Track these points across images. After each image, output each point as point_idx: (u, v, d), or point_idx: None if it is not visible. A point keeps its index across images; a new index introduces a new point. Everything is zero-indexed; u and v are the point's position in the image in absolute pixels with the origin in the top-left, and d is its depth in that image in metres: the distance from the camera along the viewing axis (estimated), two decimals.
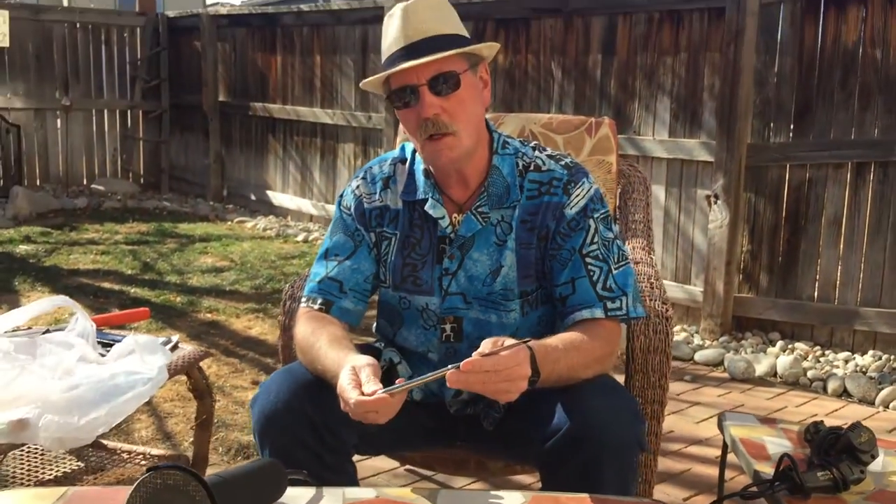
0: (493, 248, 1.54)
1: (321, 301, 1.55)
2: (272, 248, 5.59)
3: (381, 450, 1.72)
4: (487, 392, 1.25)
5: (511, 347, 1.24)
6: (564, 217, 1.52)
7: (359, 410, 1.24)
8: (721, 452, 1.93)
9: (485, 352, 1.23)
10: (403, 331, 1.62)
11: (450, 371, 1.21)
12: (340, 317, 1.55)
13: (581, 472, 1.32)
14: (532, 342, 1.32)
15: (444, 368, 1.23)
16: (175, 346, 1.90)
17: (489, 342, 1.25)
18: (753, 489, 1.64)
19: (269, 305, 4.17)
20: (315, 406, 1.39)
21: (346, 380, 1.28)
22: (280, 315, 1.84)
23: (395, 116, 5.53)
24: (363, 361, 1.31)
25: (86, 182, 7.60)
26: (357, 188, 1.62)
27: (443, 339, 1.58)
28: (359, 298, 1.58)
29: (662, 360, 1.68)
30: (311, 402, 1.40)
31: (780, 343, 3.72)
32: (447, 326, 1.57)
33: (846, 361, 3.50)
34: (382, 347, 1.66)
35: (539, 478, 1.46)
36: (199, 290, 4.48)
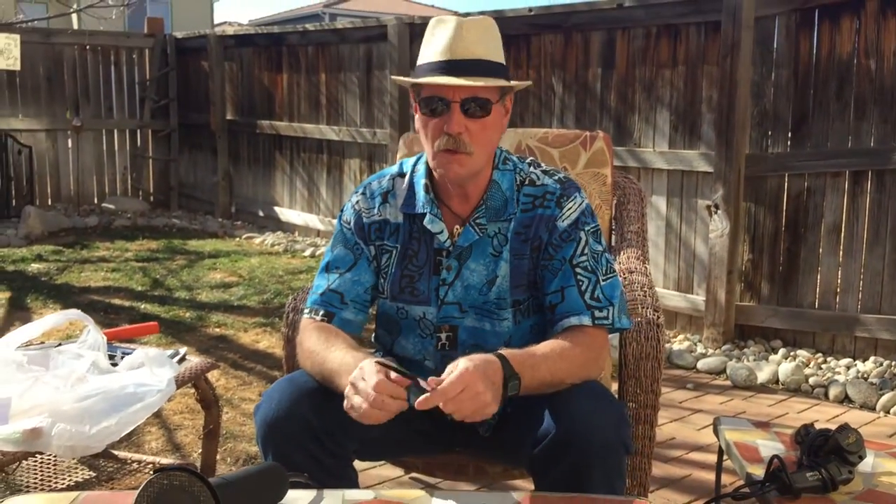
0: (490, 259, 1.59)
1: (323, 312, 1.60)
2: (280, 264, 5.66)
3: (381, 456, 1.77)
4: (457, 416, 1.29)
5: (457, 372, 1.29)
6: (557, 229, 1.57)
7: (382, 389, 1.28)
8: (717, 456, 1.97)
9: (431, 385, 1.28)
10: (401, 339, 1.68)
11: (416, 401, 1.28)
12: (343, 327, 1.60)
13: (569, 474, 1.36)
14: (504, 351, 1.39)
15: (420, 391, 1.29)
16: (183, 359, 1.96)
17: (448, 369, 1.31)
18: (745, 490, 1.68)
19: (277, 320, 4.23)
20: (317, 413, 1.44)
21: (369, 367, 1.32)
22: (283, 327, 1.90)
23: (400, 132, 5.53)
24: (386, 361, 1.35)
25: (96, 201, 7.71)
26: (356, 203, 1.68)
27: (438, 348, 1.63)
28: (359, 309, 1.63)
29: (654, 366, 1.72)
30: (313, 409, 1.44)
31: (782, 350, 3.76)
32: (443, 335, 1.62)
33: (847, 368, 3.53)
34: (381, 356, 1.71)
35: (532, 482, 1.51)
36: (208, 305, 4.54)
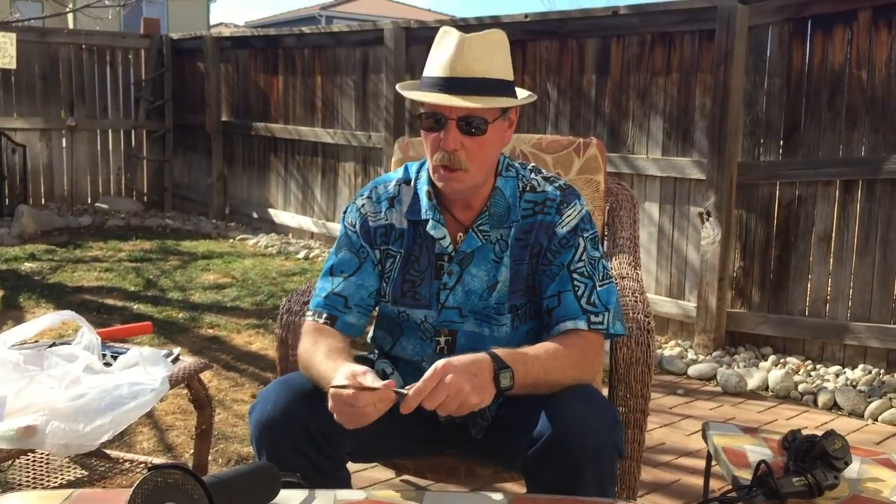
0: (491, 265, 1.61)
1: (326, 315, 1.61)
2: (273, 266, 5.66)
3: (375, 457, 1.78)
4: (442, 412, 1.31)
5: (430, 371, 1.30)
6: (556, 235, 1.59)
7: (361, 403, 1.29)
8: (706, 461, 1.99)
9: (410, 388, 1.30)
10: (402, 340, 1.69)
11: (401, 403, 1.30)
12: (344, 331, 1.61)
13: (561, 477, 1.38)
14: (496, 349, 1.41)
15: (402, 390, 1.31)
16: (177, 359, 1.97)
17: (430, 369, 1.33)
18: (732, 494, 1.70)
19: (270, 321, 4.24)
20: (311, 414, 1.45)
21: (342, 378, 1.33)
22: (277, 329, 1.91)
23: (395, 136, 5.57)
24: (361, 369, 1.36)
25: (90, 200, 7.70)
26: (362, 206, 1.68)
27: (437, 351, 1.64)
28: (362, 313, 1.64)
29: (644, 371, 1.74)
30: (308, 411, 1.45)
31: (772, 357, 3.78)
32: (441, 339, 1.64)
33: (837, 375, 3.56)
34: (375, 359, 1.73)
35: (524, 484, 1.52)
36: (201, 307, 4.55)
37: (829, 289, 3.72)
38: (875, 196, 3.54)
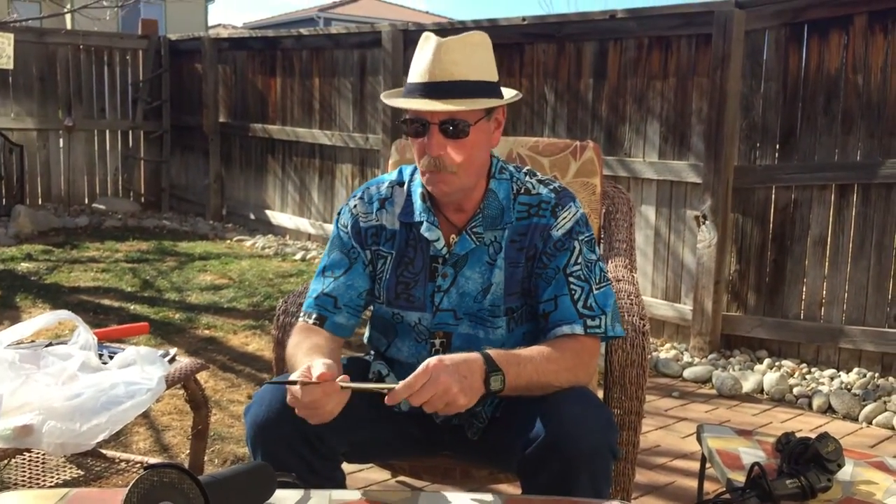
0: (485, 267, 1.61)
1: (315, 316, 1.62)
2: (270, 267, 5.66)
3: (370, 458, 1.79)
4: (427, 409, 1.31)
5: (421, 368, 1.31)
6: (551, 238, 1.59)
7: (305, 399, 1.29)
8: (700, 463, 2.00)
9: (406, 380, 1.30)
10: (397, 341, 1.69)
11: (386, 394, 1.31)
12: (334, 331, 1.61)
13: (556, 478, 1.38)
14: (489, 350, 1.42)
15: (385, 385, 1.33)
16: (173, 359, 1.98)
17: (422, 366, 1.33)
18: (726, 496, 1.71)
19: (267, 322, 4.24)
20: None
21: (297, 375, 1.32)
22: (273, 330, 1.91)
23: (392, 138, 5.56)
24: (320, 364, 1.32)
25: (87, 201, 7.70)
26: (354, 207, 1.69)
27: (432, 353, 1.64)
28: (352, 313, 1.65)
29: (639, 373, 1.75)
30: None
31: (768, 360, 3.79)
32: (436, 341, 1.64)
33: (831, 379, 3.57)
34: (371, 360, 1.74)
35: (520, 485, 1.53)
36: (198, 307, 4.55)
37: (825, 292, 3.73)
38: (870, 200, 3.55)
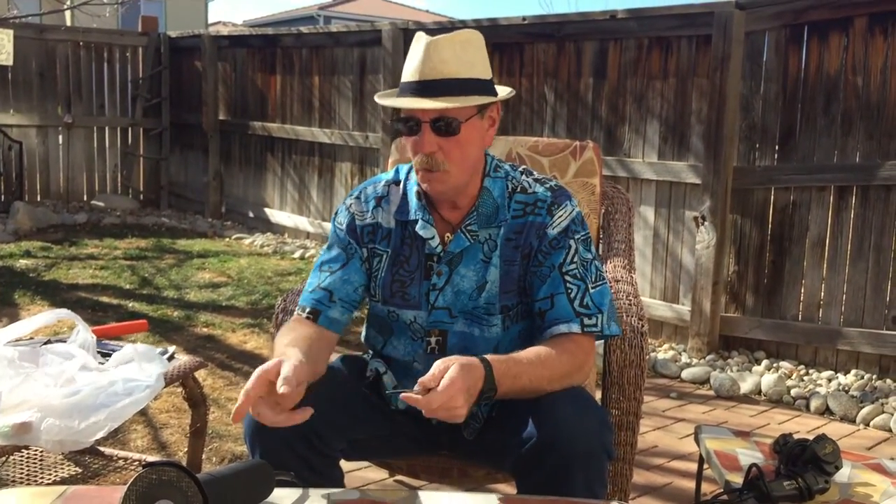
0: (480, 265, 1.62)
1: (309, 310, 1.62)
2: (269, 265, 5.66)
3: (368, 456, 1.79)
4: (427, 414, 1.31)
5: (447, 382, 1.29)
6: (547, 236, 1.59)
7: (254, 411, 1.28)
8: (698, 464, 2.00)
9: (426, 381, 1.30)
10: (393, 340, 1.70)
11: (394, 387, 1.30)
12: (327, 326, 1.61)
13: (551, 478, 1.39)
14: (491, 358, 1.40)
15: (409, 393, 1.31)
16: (171, 357, 1.98)
17: (436, 366, 1.32)
18: (723, 497, 1.71)
19: (265, 321, 4.24)
20: None
21: (256, 372, 1.29)
22: (272, 328, 1.91)
23: (392, 137, 5.57)
24: (271, 365, 1.30)
25: (86, 198, 7.69)
26: (351, 206, 1.70)
27: (428, 352, 1.65)
28: (346, 308, 1.64)
29: (637, 374, 1.75)
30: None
31: (766, 362, 3.80)
32: (432, 339, 1.64)
33: (829, 380, 3.57)
34: (369, 358, 1.74)
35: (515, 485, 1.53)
36: (196, 305, 4.55)
37: (823, 294, 3.73)
38: (869, 202, 3.56)
